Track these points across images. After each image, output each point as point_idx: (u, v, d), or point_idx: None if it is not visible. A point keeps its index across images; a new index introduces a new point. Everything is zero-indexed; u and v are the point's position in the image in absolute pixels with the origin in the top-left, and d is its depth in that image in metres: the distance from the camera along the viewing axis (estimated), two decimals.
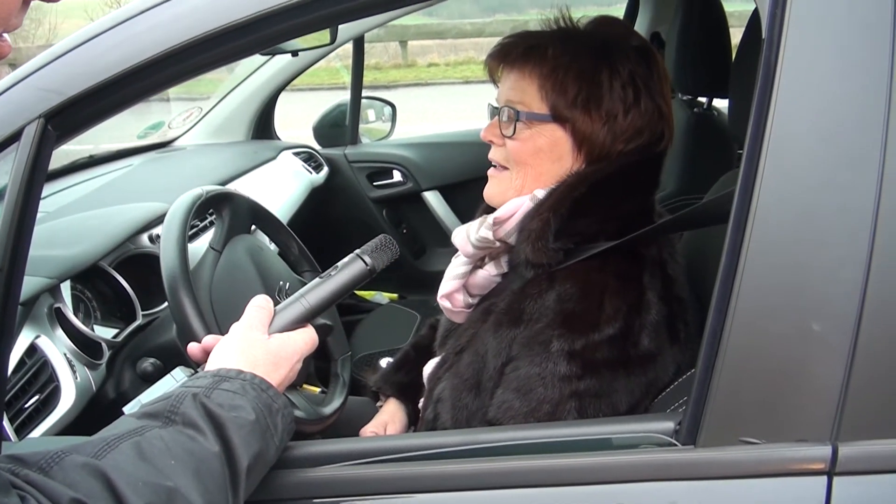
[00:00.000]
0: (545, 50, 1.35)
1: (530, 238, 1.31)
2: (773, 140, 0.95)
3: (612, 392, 1.24)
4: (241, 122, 3.39)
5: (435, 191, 3.45)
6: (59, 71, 1.12)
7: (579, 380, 1.23)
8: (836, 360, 0.96)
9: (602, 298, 1.26)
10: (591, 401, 1.23)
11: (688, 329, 1.34)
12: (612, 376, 1.24)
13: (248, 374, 1.05)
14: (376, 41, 11.53)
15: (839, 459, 0.96)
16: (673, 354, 1.31)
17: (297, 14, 1.09)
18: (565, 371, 1.24)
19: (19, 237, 1.09)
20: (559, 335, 1.25)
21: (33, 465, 0.85)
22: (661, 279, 1.33)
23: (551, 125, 1.34)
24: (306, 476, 1.08)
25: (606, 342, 1.24)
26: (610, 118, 1.33)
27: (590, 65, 1.34)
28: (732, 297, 0.97)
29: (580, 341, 1.24)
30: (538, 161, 1.36)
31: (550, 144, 1.35)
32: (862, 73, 0.96)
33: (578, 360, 1.24)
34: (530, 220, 1.33)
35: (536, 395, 1.25)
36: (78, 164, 2.85)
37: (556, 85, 1.33)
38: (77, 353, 1.70)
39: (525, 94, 1.35)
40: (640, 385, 1.26)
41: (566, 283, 1.29)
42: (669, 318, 1.31)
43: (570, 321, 1.26)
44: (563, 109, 1.33)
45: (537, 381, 1.25)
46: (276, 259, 1.75)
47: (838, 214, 0.96)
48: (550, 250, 1.30)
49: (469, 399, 1.34)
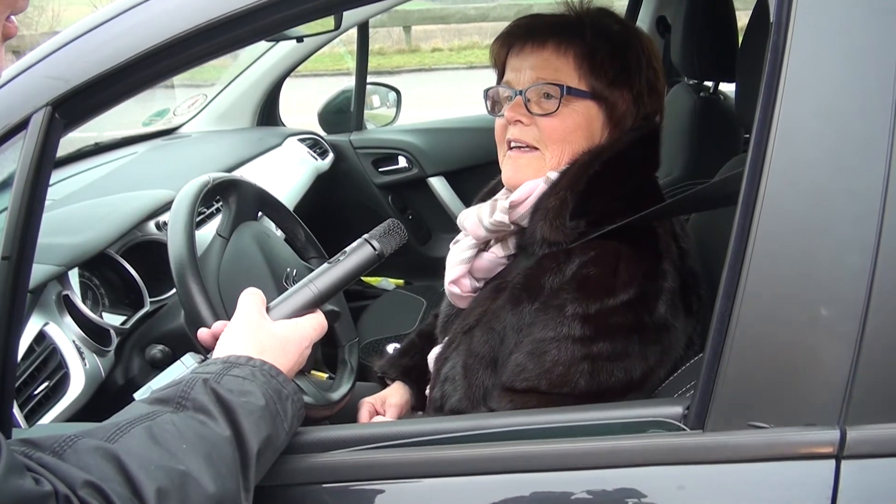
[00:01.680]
0: (582, 30, 1.37)
1: (547, 216, 1.32)
2: (781, 124, 0.95)
3: (625, 356, 1.26)
4: (246, 109, 3.39)
5: (440, 176, 3.45)
6: (66, 59, 1.13)
7: (592, 342, 1.25)
8: (844, 345, 0.96)
9: (617, 265, 1.28)
10: (603, 364, 1.25)
11: (701, 303, 1.36)
12: (626, 341, 1.26)
13: (257, 360, 1.06)
14: (380, 26, 11.48)
15: (847, 443, 0.96)
16: (685, 325, 1.32)
17: (302, 1, 1.09)
18: (579, 334, 1.25)
19: (27, 225, 1.10)
20: (573, 299, 1.27)
21: (47, 448, 0.86)
22: (677, 250, 1.35)
23: (588, 102, 1.37)
24: (316, 461, 1.09)
25: (622, 307, 1.26)
26: (639, 98, 1.39)
27: (621, 47, 1.38)
28: (741, 282, 0.97)
29: (595, 305, 1.26)
30: (575, 138, 1.38)
31: (586, 121, 1.38)
32: (870, 55, 0.95)
33: (592, 324, 1.25)
34: (547, 199, 1.34)
35: (550, 357, 1.26)
36: (84, 151, 2.85)
37: (594, 65, 1.37)
38: (86, 340, 1.70)
39: (559, 72, 1.37)
40: (655, 353, 1.28)
41: (582, 254, 1.30)
42: (683, 289, 1.33)
43: (584, 286, 1.28)
44: (602, 89, 1.37)
45: (551, 343, 1.27)
46: (283, 245, 1.75)
47: (846, 199, 0.95)
48: (567, 228, 1.31)
49: (485, 376, 1.34)
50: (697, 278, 1.38)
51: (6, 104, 1.11)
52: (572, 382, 1.25)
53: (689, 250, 1.39)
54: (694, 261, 1.39)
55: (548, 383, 1.26)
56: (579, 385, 1.25)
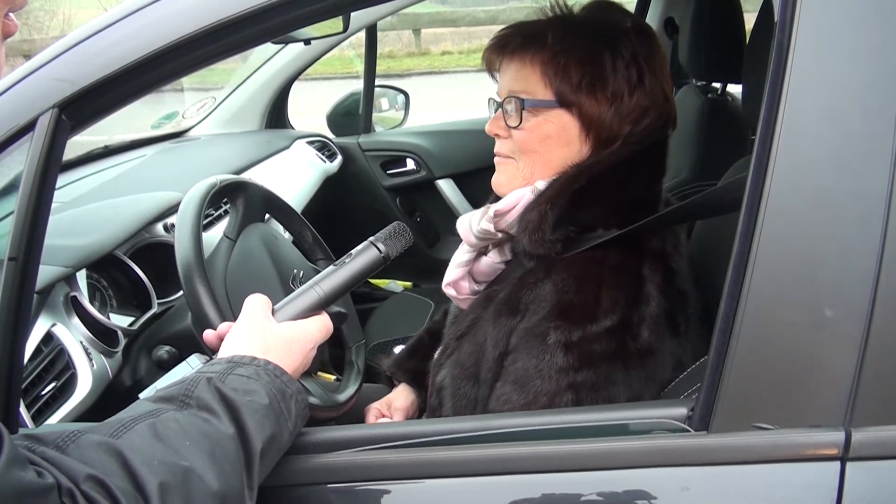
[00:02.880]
0: (544, 36, 1.34)
1: (527, 229, 1.30)
2: (785, 124, 0.95)
3: (609, 385, 1.23)
4: (255, 112, 3.39)
5: (448, 179, 3.45)
6: (73, 61, 1.13)
7: (576, 371, 1.22)
8: (849, 346, 0.96)
9: (599, 290, 1.25)
10: (587, 393, 1.22)
11: (688, 323, 1.33)
12: (610, 369, 1.23)
13: (261, 360, 1.06)
14: (390, 29, 11.51)
15: (852, 445, 0.96)
16: (672, 348, 1.29)
17: (308, 2, 1.10)
18: (562, 363, 1.23)
19: (34, 226, 1.10)
20: (556, 327, 1.24)
21: (50, 443, 0.86)
22: (663, 272, 1.32)
23: (558, 111, 1.34)
24: (320, 461, 1.09)
25: (605, 334, 1.23)
26: (616, 99, 1.33)
27: (591, 47, 1.33)
28: (745, 283, 0.97)
29: (577, 333, 1.23)
30: (546, 148, 1.35)
31: (558, 130, 1.34)
32: (875, 55, 0.95)
33: (575, 352, 1.23)
34: (529, 212, 1.32)
35: (534, 387, 1.24)
36: (93, 154, 2.87)
37: (558, 70, 1.33)
38: (93, 341, 1.71)
39: (528, 83, 1.35)
40: (639, 379, 1.25)
41: (563, 273, 1.28)
42: (670, 312, 1.30)
43: (566, 313, 1.25)
44: (568, 94, 1.33)
45: (535, 373, 1.24)
46: (291, 247, 1.76)
47: (851, 200, 0.95)
48: (547, 242, 1.29)
49: (468, 388, 1.34)
50: (686, 298, 1.35)
51: (13, 106, 1.12)
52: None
53: (678, 269, 1.36)
54: (684, 280, 1.37)
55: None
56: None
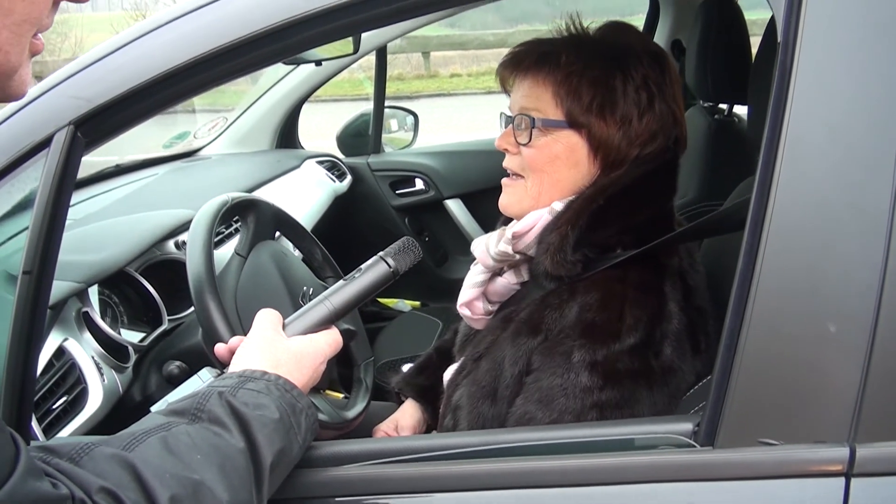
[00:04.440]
0: (558, 56, 1.36)
1: (549, 251, 1.31)
2: (788, 141, 0.96)
3: (633, 403, 1.24)
4: (266, 132, 3.42)
5: (457, 199, 3.47)
6: (89, 79, 1.15)
7: (601, 391, 1.23)
8: (853, 362, 0.96)
9: (622, 309, 1.26)
10: (612, 411, 1.23)
11: (708, 340, 1.34)
12: (634, 386, 1.24)
13: (272, 374, 1.07)
14: (399, 52, 11.58)
15: (857, 461, 0.96)
16: (693, 365, 1.30)
17: (319, 23, 1.12)
18: (587, 382, 1.23)
19: (49, 241, 1.12)
20: (580, 346, 1.25)
21: (64, 455, 0.87)
22: (682, 289, 1.34)
23: (567, 131, 1.35)
24: (329, 475, 1.10)
25: (627, 352, 1.24)
26: (625, 122, 1.34)
27: (603, 70, 1.35)
28: (749, 300, 0.98)
29: (601, 352, 1.24)
30: (554, 168, 1.37)
31: (567, 151, 1.36)
32: (876, 73, 0.97)
33: (600, 371, 1.23)
34: (549, 234, 1.33)
35: (558, 406, 1.25)
36: (105, 173, 2.89)
37: (570, 91, 1.34)
38: (104, 356, 1.72)
39: (539, 101, 1.36)
40: (663, 396, 1.26)
41: (587, 294, 1.29)
42: (690, 329, 1.31)
43: (590, 331, 1.26)
44: (578, 115, 1.34)
45: (559, 391, 1.25)
46: (300, 265, 1.77)
47: (853, 216, 0.96)
48: (569, 262, 1.30)
49: (485, 407, 1.34)
50: (705, 315, 1.36)
51: (30, 122, 1.14)
52: None
53: (696, 287, 1.37)
54: (702, 297, 1.38)
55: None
56: None
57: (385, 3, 1.10)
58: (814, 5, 0.97)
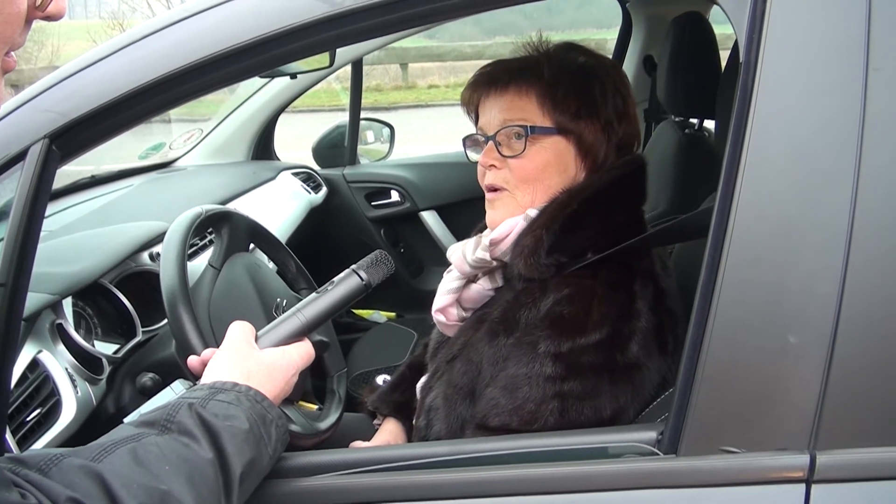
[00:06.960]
0: (540, 68, 1.40)
1: (523, 253, 1.35)
2: (749, 158, 0.99)
3: (595, 396, 1.27)
4: (242, 143, 3.42)
5: (432, 210, 3.49)
6: (63, 93, 1.16)
7: (563, 381, 1.26)
8: (813, 371, 0.99)
9: (591, 304, 1.30)
10: (573, 402, 1.26)
11: (676, 342, 1.36)
12: (597, 380, 1.27)
13: (242, 385, 1.08)
14: (377, 63, 11.60)
15: (817, 468, 0.99)
16: (659, 365, 1.33)
17: (296, 38, 1.13)
18: (550, 372, 1.27)
19: (23, 253, 1.12)
20: (546, 336, 1.29)
21: (33, 465, 0.88)
22: (653, 290, 1.37)
23: (555, 137, 1.39)
24: (300, 485, 1.11)
25: (593, 347, 1.27)
26: (608, 126, 1.40)
27: (583, 79, 1.41)
28: (711, 311, 1.00)
29: (566, 344, 1.27)
30: (546, 175, 1.40)
31: (556, 157, 1.40)
32: (835, 92, 0.99)
33: (563, 362, 1.27)
34: (524, 237, 1.37)
35: (522, 394, 1.28)
36: (80, 184, 2.88)
37: (556, 100, 1.39)
38: (78, 368, 1.72)
39: (525, 111, 1.40)
40: (625, 392, 1.29)
41: (559, 290, 1.32)
42: (658, 329, 1.34)
43: (558, 324, 1.29)
44: (567, 123, 1.39)
45: (523, 380, 1.28)
46: (274, 277, 1.78)
47: (813, 230, 0.99)
48: (542, 265, 1.34)
49: (463, 408, 1.36)
50: (675, 318, 1.39)
51: (5, 136, 1.14)
52: (542, 420, 1.26)
53: (668, 290, 1.40)
54: (673, 300, 1.40)
55: (519, 420, 1.27)
56: (549, 423, 1.26)
57: (364, 19, 1.11)
58: (775, 26, 0.99)
